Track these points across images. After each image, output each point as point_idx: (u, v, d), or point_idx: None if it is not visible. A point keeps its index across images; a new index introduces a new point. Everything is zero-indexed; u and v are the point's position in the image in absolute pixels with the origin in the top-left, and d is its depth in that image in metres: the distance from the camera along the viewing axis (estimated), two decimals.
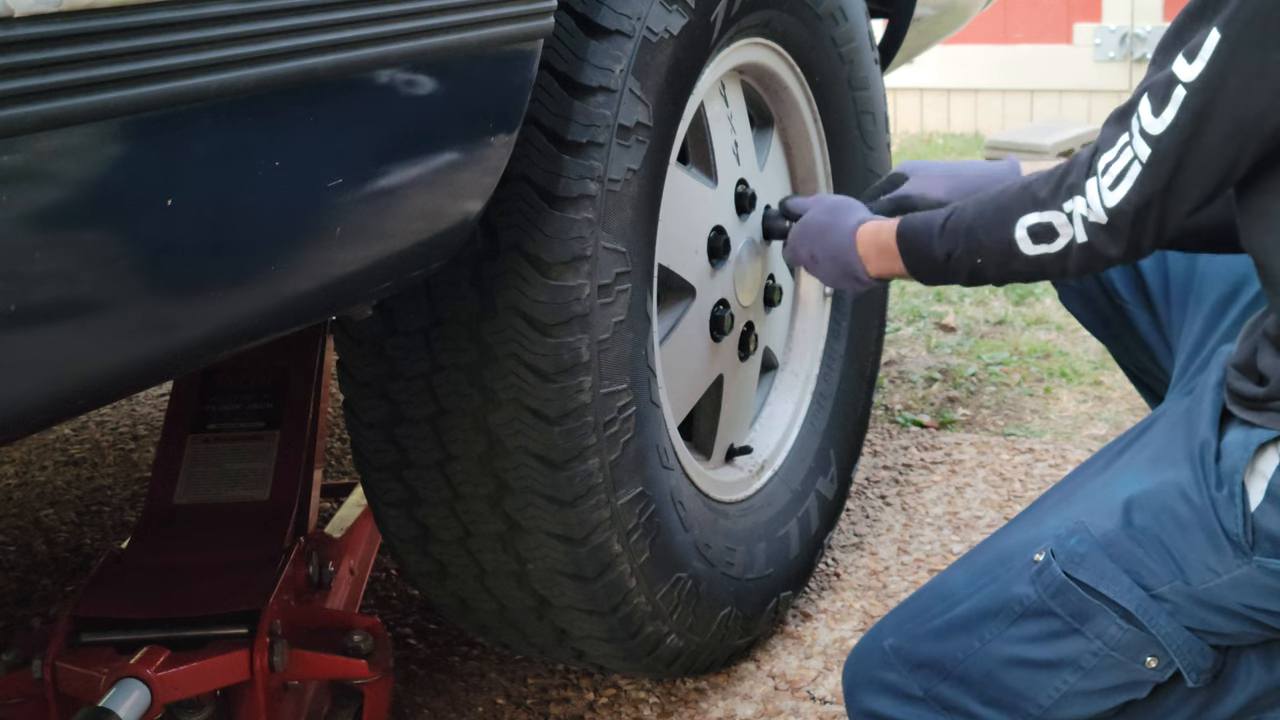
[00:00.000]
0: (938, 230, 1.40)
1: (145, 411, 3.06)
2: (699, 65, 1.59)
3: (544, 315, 1.40)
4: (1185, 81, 1.16)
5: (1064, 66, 6.01)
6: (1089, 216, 1.25)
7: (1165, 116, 1.17)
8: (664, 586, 1.62)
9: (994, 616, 1.31)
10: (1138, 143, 1.20)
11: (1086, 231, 1.26)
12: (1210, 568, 1.23)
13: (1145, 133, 1.19)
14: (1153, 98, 1.19)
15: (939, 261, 1.41)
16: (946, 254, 1.40)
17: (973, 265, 1.38)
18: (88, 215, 0.88)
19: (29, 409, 0.91)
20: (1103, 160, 1.24)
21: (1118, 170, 1.22)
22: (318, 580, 1.65)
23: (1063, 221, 1.27)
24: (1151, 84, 1.20)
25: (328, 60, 1.01)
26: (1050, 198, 1.28)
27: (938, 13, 2.82)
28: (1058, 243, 1.28)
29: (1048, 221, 1.28)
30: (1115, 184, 1.22)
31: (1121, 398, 2.92)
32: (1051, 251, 1.29)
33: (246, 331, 1.06)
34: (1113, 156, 1.22)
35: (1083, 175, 1.25)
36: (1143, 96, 1.20)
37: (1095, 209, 1.24)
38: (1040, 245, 1.30)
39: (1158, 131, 1.18)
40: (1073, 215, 1.26)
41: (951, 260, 1.40)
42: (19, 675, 1.45)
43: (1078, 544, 1.27)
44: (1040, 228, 1.29)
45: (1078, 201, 1.26)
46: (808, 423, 2.06)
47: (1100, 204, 1.23)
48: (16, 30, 0.80)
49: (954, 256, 1.39)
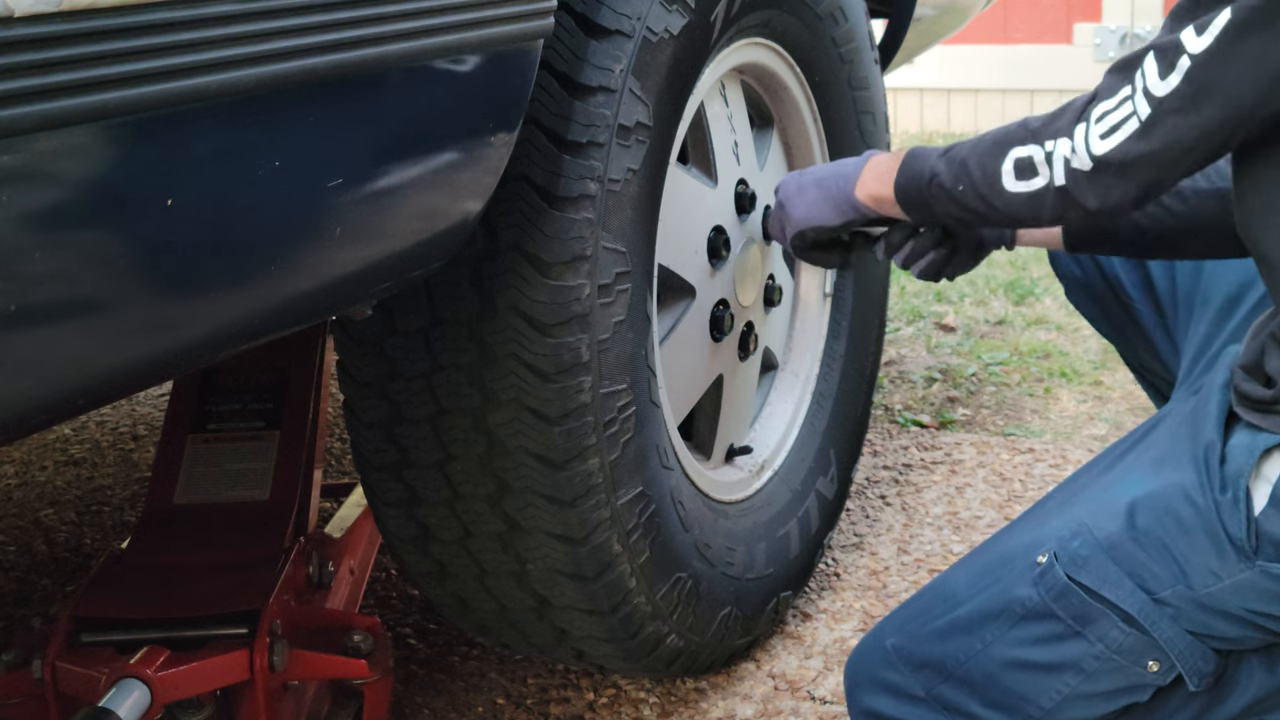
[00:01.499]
0: (940, 152, 1.38)
1: (145, 411, 3.06)
2: (699, 65, 1.59)
3: (544, 315, 1.40)
4: (1191, 53, 1.15)
5: (1064, 66, 6.01)
6: (1072, 160, 1.23)
7: (1169, 81, 1.16)
8: (664, 586, 1.62)
9: (996, 618, 1.30)
10: (1139, 99, 1.18)
11: (1066, 176, 1.23)
12: (1213, 572, 1.22)
13: (1149, 92, 1.18)
14: (1160, 58, 1.17)
15: (923, 179, 1.38)
16: (933, 173, 1.36)
17: (952, 192, 1.34)
18: (88, 215, 0.88)
19: (29, 409, 0.91)
20: (1099, 108, 1.22)
21: (1114, 121, 1.20)
22: (318, 580, 1.65)
23: (1041, 159, 1.25)
24: (1160, 44, 1.18)
25: (328, 60, 1.00)
26: (1038, 130, 1.26)
27: (938, 13, 2.81)
28: (1035, 181, 1.26)
29: (1029, 156, 1.26)
30: (1108, 134, 1.20)
31: (1122, 398, 2.92)
32: (1027, 190, 1.27)
33: (246, 331, 1.06)
34: (1110, 106, 1.21)
35: (1073, 119, 1.23)
36: (1149, 54, 1.19)
37: (1080, 154, 1.22)
38: (1021, 182, 1.27)
39: (1161, 94, 1.17)
40: (1053, 156, 1.24)
41: (934, 182, 1.36)
42: (19, 675, 1.45)
43: (1080, 546, 1.27)
44: (1024, 162, 1.27)
45: (1061, 143, 1.23)
46: (808, 423, 2.06)
47: (1086, 149, 1.21)
48: (16, 30, 0.80)
49: (938, 178, 1.35)
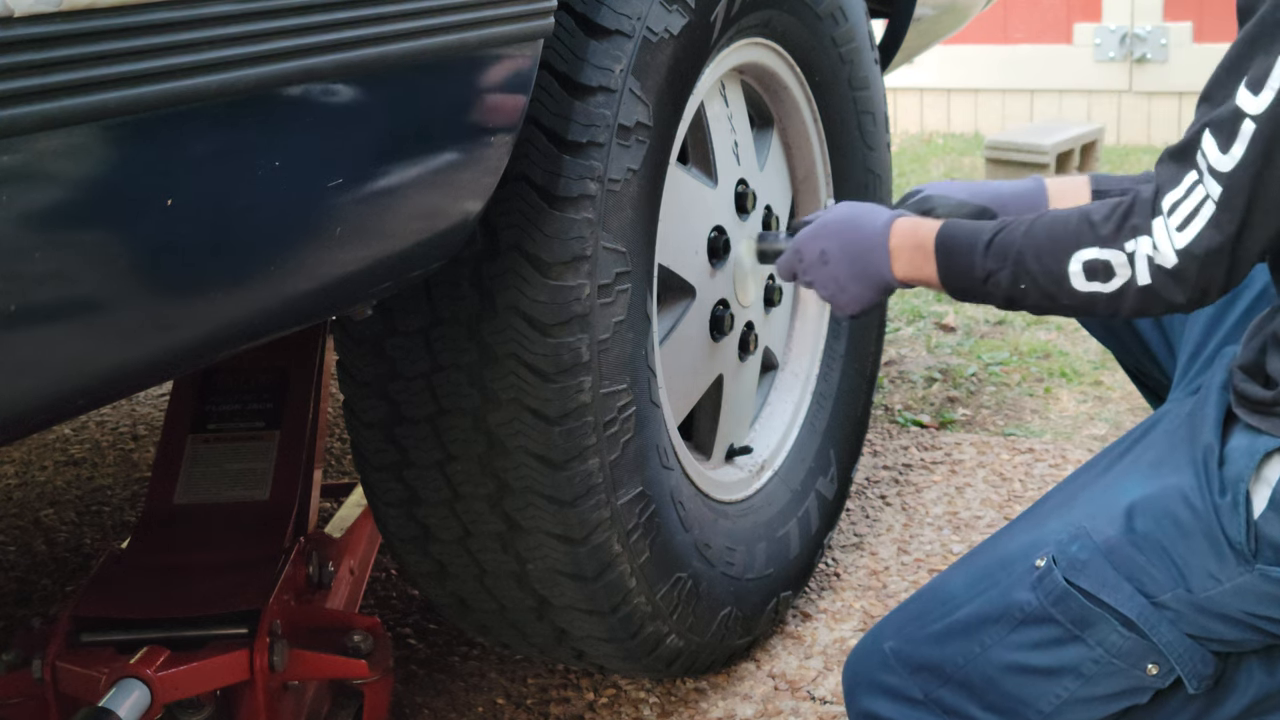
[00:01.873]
0: (983, 245, 1.30)
1: (145, 411, 3.06)
2: (699, 65, 1.59)
3: (544, 315, 1.40)
4: (1253, 114, 1.11)
5: (1064, 66, 6.01)
6: (1155, 258, 1.18)
7: (1234, 152, 1.12)
8: (664, 586, 1.62)
9: (995, 622, 1.30)
10: (1208, 181, 1.14)
11: (1150, 274, 1.18)
12: (1212, 575, 1.22)
13: (1215, 170, 1.13)
14: (1218, 134, 1.13)
15: (977, 279, 1.31)
16: (988, 273, 1.30)
17: (1014, 291, 1.29)
18: (88, 215, 0.88)
19: (29, 409, 0.91)
20: (1168, 199, 1.17)
21: (1188, 210, 1.15)
22: (318, 580, 1.65)
23: (1122, 261, 1.20)
24: (1214, 119, 1.14)
25: (328, 60, 1.00)
26: (1113, 235, 1.20)
27: (938, 13, 2.82)
28: (1113, 283, 1.21)
29: (1106, 260, 1.21)
30: (1185, 224, 1.16)
31: (1121, 398, 2.92)
32: (1105, 291, 1.22)
33: (246, 331, 1.06)
34: (1180, 195, 1.16)
35: (1148, 215, 1.18)
36: (1204, 132, 1.15)
37: (1164, 250, 1.17)
38: (1094, 283, 1.22)
39: (1228, 168, 1.13)
40: (1134, 256, 1.19)
41: (991, 280, 1.30)
42: (19, 675, 1.45)
43: (1079, 550, 1.27)
44: (1098, 265, 1.21)
45: (1142, 242, 1.18)
46: (808, 423, 2.06)
47: (1170, 245, 1.16)
48: (16, 30, 0.80)
49: (995, 277, 1.29)
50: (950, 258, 1.34)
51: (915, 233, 1.39)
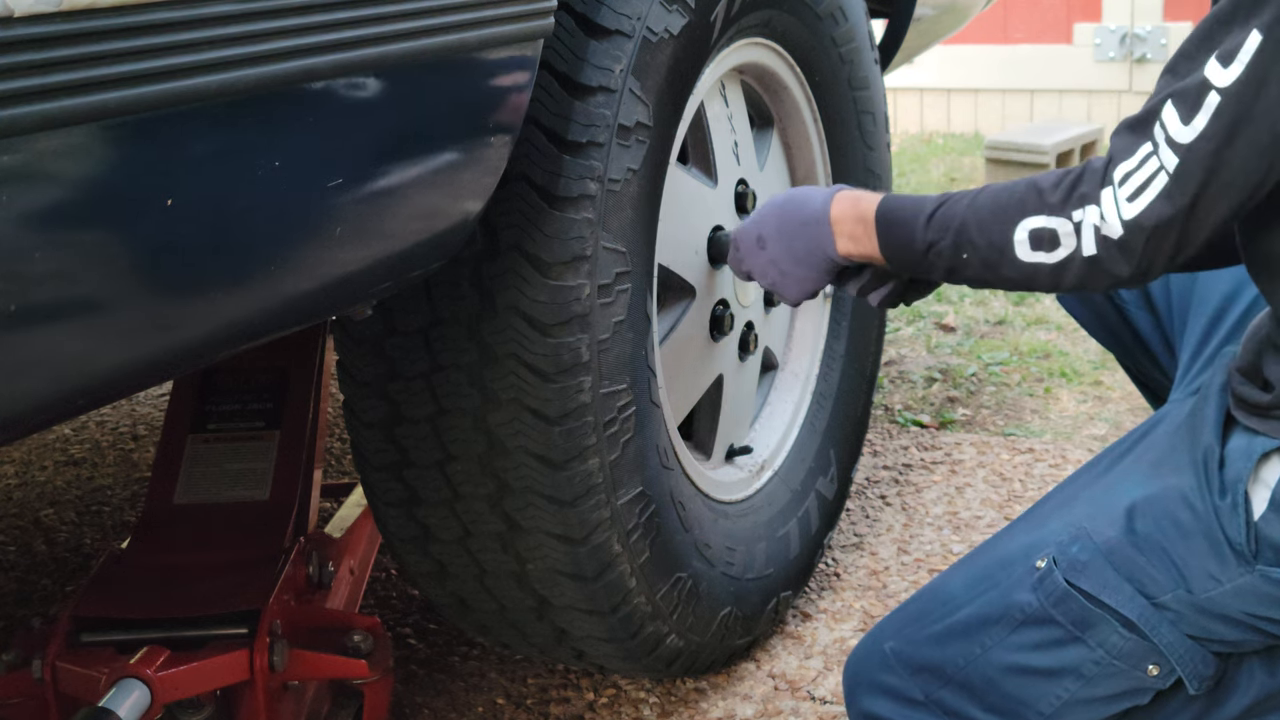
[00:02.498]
0: (925, 217, 1.28)
1: (145, 411, 3.06)
2: (699, 65, 1.59)
3: (544, 315, 1.40)
4: (1220, 86, 1.08)
5: (1064, 66, 6.01)
6: (1101, 228, 1.15)
7: (1196, 124, 1.09)
8: (664, 586, 1.62)
9: (995, 623, 1.30)
10: (1164, 152, 1.11)
11: (1096, 244, 1.16)
12: (1213, 576, 1.22)
13: (1173, 141, 1.11)
14: (1180, 104, 1.11)
15: (918, 250, 1.29)
16: (929, 244, 1.28)
17: (955, 260, 1.26)
18: (88, 215, 0.88)
19: (29, 409, 0.90)
20: (1120, 169, 1.14)
21: (1140, 180, 1.13)
22: (318, 580, 1.65)
23: (1068, 230, 1.17)
24: (1178, 90, 1.11)
25: (328, 60, 1.00)
26: (1060, 204, 1.18)
27: (938, 13, 2.82)
28: (1058, 253, 1.19)
29: (1052, 228, 1.18)
30: (1136, 194, 1.13)
31: (1121, 398, 2.92)
32: (1048, 261, 1.19)
33: (246, 331, 1.06)
34: (1133, 166, 1.13)
35: (1097, 184, 1.16)
36: (1166, 103, 1.12)
37: (1110, 221, 1.14)
38: (1038, 253, 1.20)
39: (1188, 140, 1.10)
40: (1081, 225, 1.17)
41: (932, 251, 1.28)
42: (19, 675, 1.45)
43: (1079, 551, 1.27)
44: (1043, 233, 1.19)
45: (1089, 211, 1.16)
46: (808, 423, 2.06)
47: (1117, 216, 1.14)
48: (16, 30, 0.80)
49: (936, 248, 1.27)
50: (891, 229, 1.32)
51: (856, 205, 1.37)
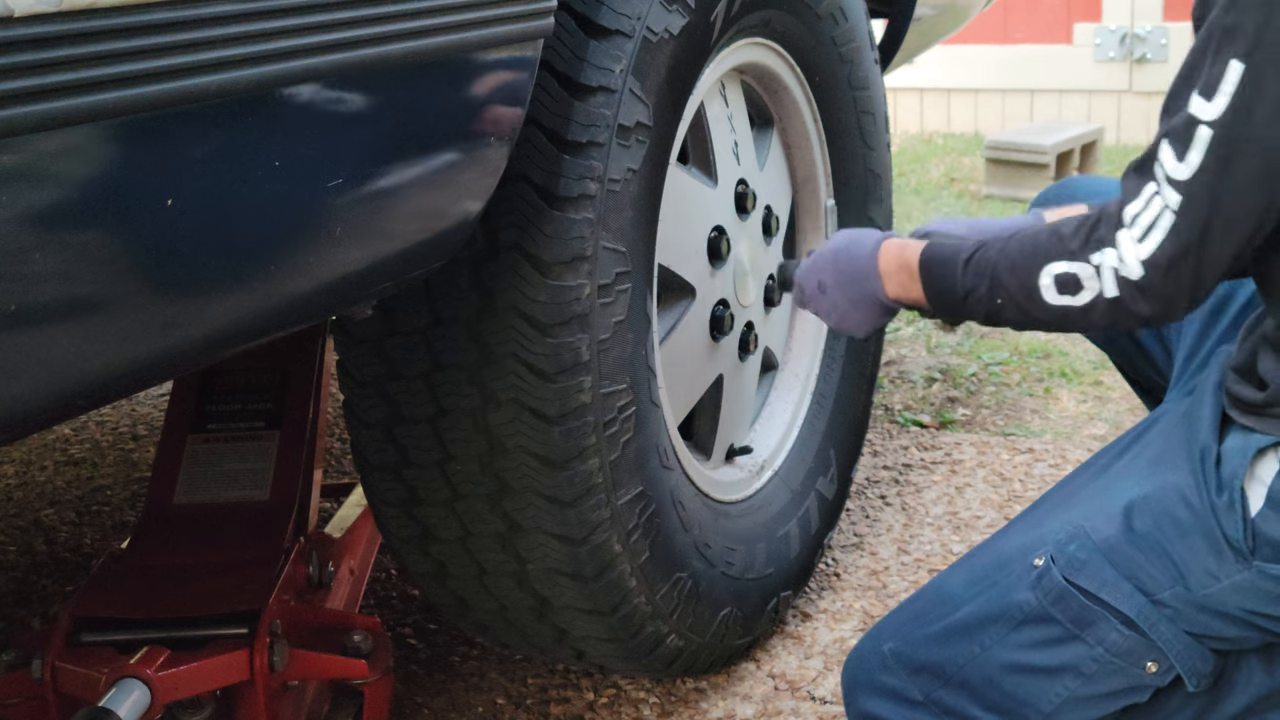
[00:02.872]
0: (962, 263, 1.33)
1: (145, 411, 3.06)
2: (699, 65, 1.59)
3: (544, 315, 1.40)
4: (1207, 120, 1.11)
5: (1064, 66, 6.01)
6: (1120, 270, 1.19)
7: (1191, 160, 1.12)
8: (664, 586, 1.62)
9: (994, 622, 1.30)
10: (1166, 191, 1.14)
11: (1117, 286, 1.19)
12: (1211, 573, 1.22)
13: (1172, 179, 1.14)
14: (1174, 143, 1.14)
15: (957, 296, 1.34)
16: (967, 291, 1.33)
17: (991, 306, 1.31)
18: (88, 215, 0.88)
19: (29, 409, 0.91)
20: (1129, 211, 1.18)
21: (1147, 221, 1.16)
22: (318, 580, 1.65)
23: (1090, 274, 1.21)
24: (1170, 129, 1.14)
25: (328, 60, 1.00)
26: (1080, 249, 1.22)
27: (938, 13, 2.82)
28: (1083, 296, 1.22)
29: (1074, 273, 1.22)
30: (1145, 235, 1.16)
31: (1121, 398, 2.92)
32: (1076, 305, 1.23)
33: (246, 331, 1.06)
34: (1140, 207, 1.17)
35: (1113, 227, 1.19)
36: (1162, 143, 1.15)
37: (1128, 262, 1.18)
38: (1064, 296, 1.24)
39: (1185, 176, 1.13)
40: (1101, 269, 1.20)
41: (971, 298, 1.33)
42: (19, 675, 1.45)
43: (1078, 549, 1.27)
44: (1066, 278, 1.23)
45: (1108, 254, 1.19)
46: (808, 423, 2.06)
47: (1134, 256, 1.17)
48: (16, 30, 0.80)
49: (974, 294, 1.32)
50: (933, 277, 1.37)
51: (902, 253, 1.42)
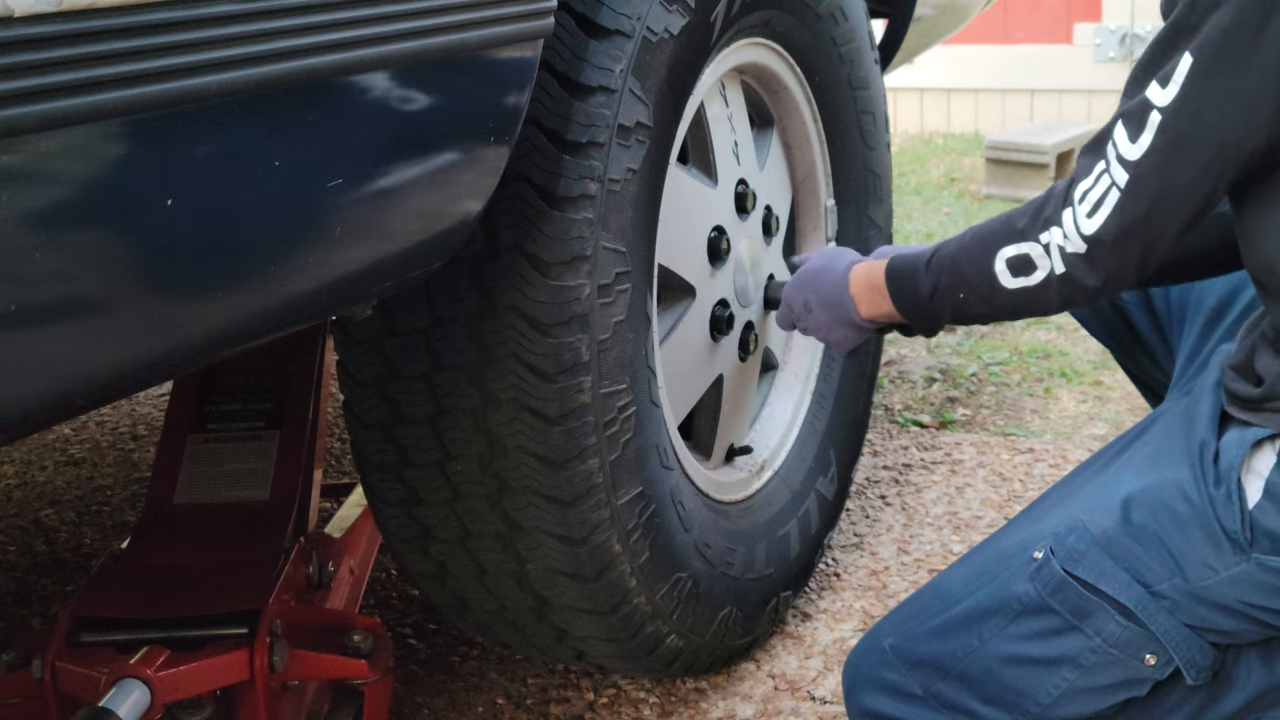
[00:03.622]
0: (923, 266, 1.39)
1: (145, 411, 3.06)
2: (699, 65, 1.59)
3: (544, 315, 1.40)
4: (1159, 106, 1.16)
5: (1064, 66, 6.01)
6: (1066, 247, 1.23)
7: (1142, 142, 1.17)
8: (664, 586, 1.62)
9: (993, 615, 1.31)
10: (1115, 169, 1.19)
11: (1064, 262, 1.24)
12: (1209, 565, 1.23)
13: (1122, 158, 1.18)
14: (1128, 123, 1.18)
15: (923, 298, 1.39)
16: (931, 290, 1.38)
17: (955, 300, 1.36)
18: (88, 215, 0.88)
19: (29, 409, 0.91)
20: (1079, 189, 1.22)
21: (1095, 197, 1.21)
22: (318, 580, 1.65)
23: (1039, 253, 1.26)
24: (1126, 110, 1.19)
25: (328, 60, 1.00)
26: (1027, 228, 1.27)
27: (938, 13, 2.82)
28: (1036, 275, 1.27)
29: (1025, 253, 1.27)
30: (1093, 211, 1.21)
31: (1121, 398, 2.93)
32: (1031, 285, 1.28)
33: (246, 331, 1.06)
34: (1090, 184, 1.21)
35: (1059, 206, 1.24)
36: (1117, 124, 1.20)
37: (1073, 238, 1.23)
38: (1020, 278, 1.28)
39: (1135, 157, 1.17)
40: (1049, 246, 1.25)
41: (936, 296, 1.38)
42: (19, 675, 1.45)
43: (1077, 541, 1.27)
44: (1019, 260, 1.27)
45: (1054, 232, 1.24)
46: (808, 423, 2.06)
47: (1077, 232, 1.22)
48: (16, 30, 0.80)
49: (938, 292, 1.37)
50: (899, 287, 1.43)
51: (869, 275, 1.49)
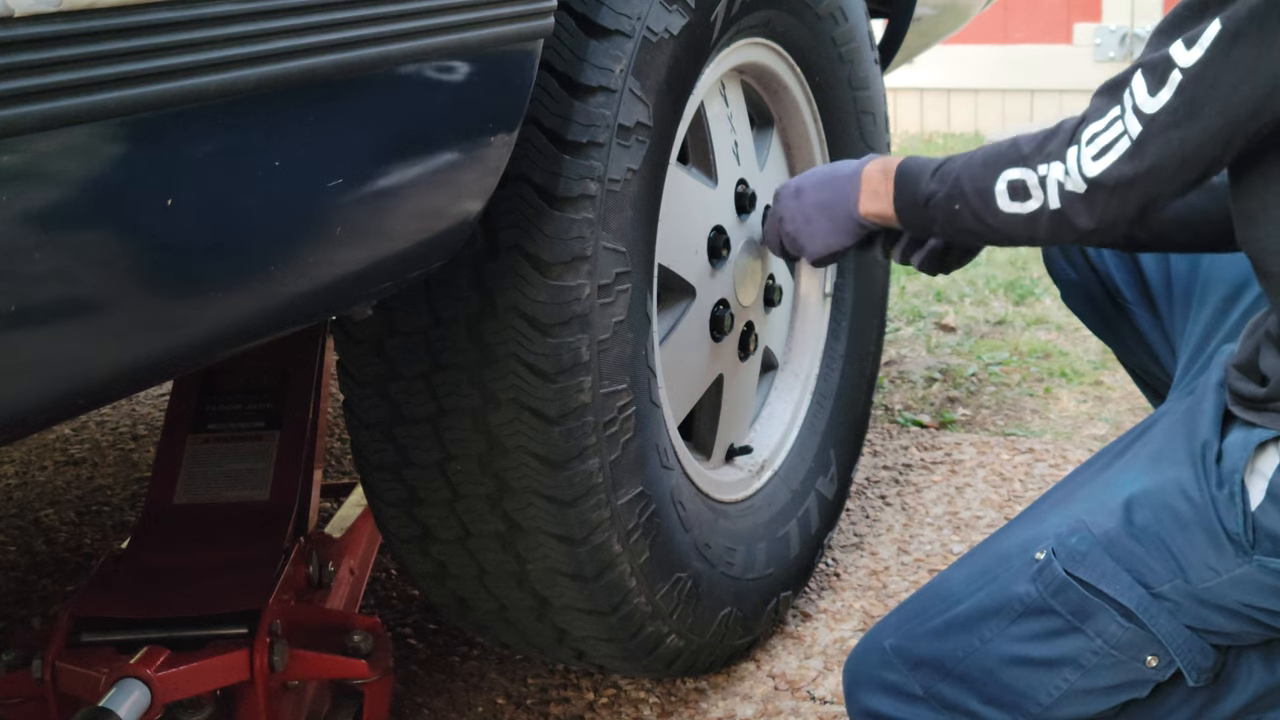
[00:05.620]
0: (931, 170, 1.40)
1: (145, 411, 3.06)
2: (699, 65, 1.59)
3: (544, 315, 1.40)
4: (1182, 66, 1.15)
5: (1064, 66, 6.01)
6: (1065, 184, 1.24)
7: (1160, 97, 1.17)
8: (664, 586, 1.62)
9: (994, 615, 1.31)
10: (1129, 118, 1.19)
11: (1060, 198, 1.25)
12: (1211, 566, 1.23)
13: (1139, 109, 1.18)
14: (1149, 75, 1.18)
15: (920, 201, 1.40)
16: (929, 194, 1.38)
17: (950, 211, 1.36)
18: (88, 215, 0.88)
19: (29, 409, 0.91)
20: (1089, 130, 1.22)
21: (1104, 142, 1.21)
22: (318, 580, 1.65)
23: (1035, 183, 1.26)
24: (1147, 61, 1.18)
25: (328, 60, 1.00)
26: (1031, 155, 1.27)
27: (938, 13, 2.82)
28: (1029, 204, 1.28)
29: (1023, 179, 1.28)
30: (1100, 155, 1.21)
31: (1121, 398, 2.92)
32: (1023, 212, 1.28)
33: (246, 331, 1.06)
34: (1101, 128, 1.21)
35: (1065, 143, 1.24)
36: (1137, 72, 1.19)
37: (1074, 176, 1.23)
38: (1015, 203, 1.29)
39: (1152, 110, 1.17)
40: (1046, 180, 1.25)
41: (932, 203, 1.38)
42: (19, 675, 1.45)
43: (1078, 542, 1.27)
44: (1018, 184, 1.28)
45: (1054, 167, 1.24)
46: (808, 423, 2.06)
47: (1079, 172, 1.22)
48: (16, 30, 0.80)
49: (935, 199, 1.37)
50: (904, 181, 1.44)
51: (885, 162, 1.50)
